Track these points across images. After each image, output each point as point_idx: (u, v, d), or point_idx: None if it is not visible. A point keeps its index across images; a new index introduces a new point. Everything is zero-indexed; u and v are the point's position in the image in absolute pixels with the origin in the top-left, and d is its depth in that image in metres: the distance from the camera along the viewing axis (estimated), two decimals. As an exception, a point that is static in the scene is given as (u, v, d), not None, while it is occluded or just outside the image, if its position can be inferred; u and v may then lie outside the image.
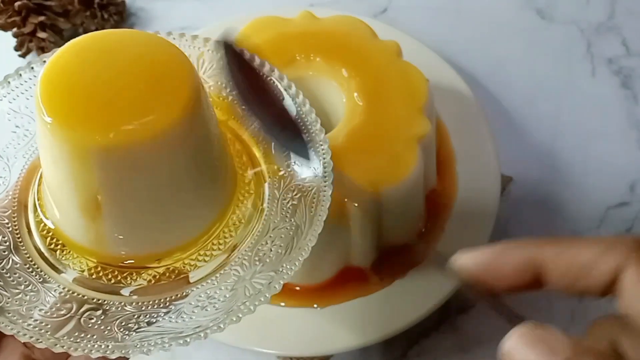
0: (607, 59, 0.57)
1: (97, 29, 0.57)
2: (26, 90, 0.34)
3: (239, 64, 0.32)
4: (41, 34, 0.55)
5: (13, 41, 0.56)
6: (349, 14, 0.48)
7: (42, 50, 0.55)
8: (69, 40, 0.30)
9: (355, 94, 0.42)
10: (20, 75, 0.34)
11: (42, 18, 0.55)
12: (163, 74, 0.29)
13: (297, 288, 0.43)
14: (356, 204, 0.39)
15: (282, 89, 0.34)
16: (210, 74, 0.36)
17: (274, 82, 0.35)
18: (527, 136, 0.53)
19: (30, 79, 0.34)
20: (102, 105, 0.27)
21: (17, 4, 0.55)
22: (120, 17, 0.58)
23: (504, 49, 0.57)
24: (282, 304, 0.42)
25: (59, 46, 0.39)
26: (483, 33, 0.58)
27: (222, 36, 0.30)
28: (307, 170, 0.33)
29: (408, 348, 0.44)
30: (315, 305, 0.42)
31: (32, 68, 0.34)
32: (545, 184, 0.50)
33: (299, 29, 0.45)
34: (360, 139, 0.41)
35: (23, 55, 0.56)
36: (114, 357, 0.27)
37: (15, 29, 0.55)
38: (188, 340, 0.27)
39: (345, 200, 0.39)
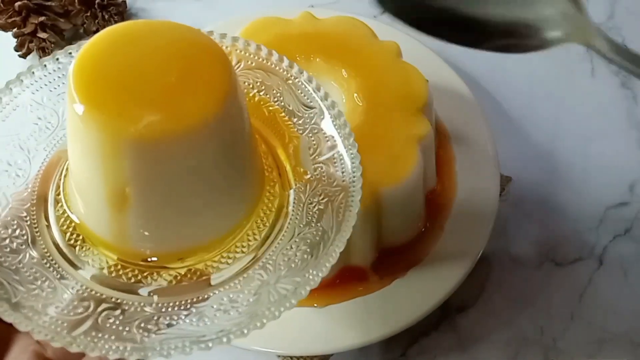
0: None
1: (97, 30, 0.57)
2: (49, 82, 0.33)
3: None
4: (41, 34, 0.55)
5: (13, 41, 0.56)
6: (349, 14, 0.48)
7: (43, 50, 0.55)
8: (69, 40, 0.30)
9: (355, 95, 0.42)
10: (45, 66, 0.33)
11: (42, 18, 0.55)
12: (199, 66, 0.28)
13: (297, 288, 0.43)
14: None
15: (309, 91, 0.34)
16: (239, 73, 0.35)
17: (300, 82, 0.34)
18: (527, 136, 0.53)
19: (55, 70, 0.33)
20: (136, 95, 0.27)
21: (17, 4, 0.55)
22: (121, 17, 0.59)
23: (503, 49, 0.57)
24: (282, 303, 0.42)
25: (60, 46, 0.39)
26: (483, 33, 0.58)
27: None
28: (335, 174, 0.32)
29: (408, 347, 0.44)
30: (315, 305, 0.42)
31: (58, 59, 0.33)
32: (545, 184, 0.50)
33: (299, 29, 0.45)
34: (360, 140, 0.40)
35: (23, 56, 0.56)
36: (132, 359, 0.26)
37: (15, 29, 0.56)
38: (210, 344, 0.26)
39: (345, 200, 0.39)
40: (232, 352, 0.43)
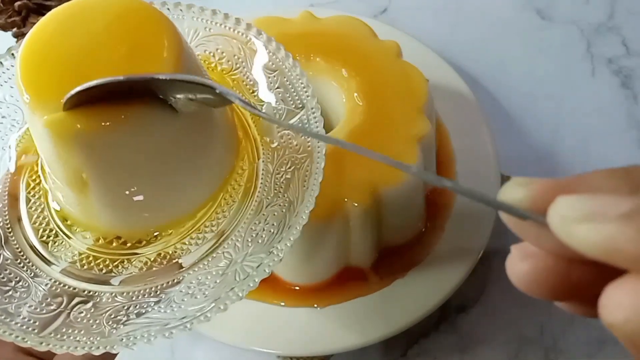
0: (607, 59, 0.57)
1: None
2: (9, 79, 0.33)
3: None
4: (41, 34, 0.55)
5: (13, 41, 0.56)
6: (349, 14, 0.48)
7: (43, 50, 0.55)
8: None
9: (355, 94, 0.42)
10: (1, 63, 0.32)
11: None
12: (143, 42, 0.28)
13: (297, 288, 0.43)
14: (356, 204, 0.39)
15: (269, 53, 0.33)
16: (197, 42, 0.34)
17: (258, 44, 0.33)
18: (527, 136, 0.53)
19: (12, 66, 0.32)
20: (79, 81, 0.26)
21: (17, 4, 0.55)
22: (121, 17, 0.58)
23: (504, 49, 0.57)
24: (282, 303, 0.42)
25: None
26: (483, 33, 0.58)
27: None
28: (300, 140, 0.31)
29: (408, 348, 0.44)
30: (315, 305, 0.42)
31: (13, 55, 0.32)
32: (545, 184, 0.50)
33: (299, 29, 0.45)
34: (360, 139, 0.41)
35: (23, 55, 0.56)
36: (98, 354, 0.26)
37: (15, 29, 0.55)
38: (173, 332, 0.26)
39: (346, 200, 0.39)
40: (232, 352, 0.43)
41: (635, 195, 0.15)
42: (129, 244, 0.31)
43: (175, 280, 0.29)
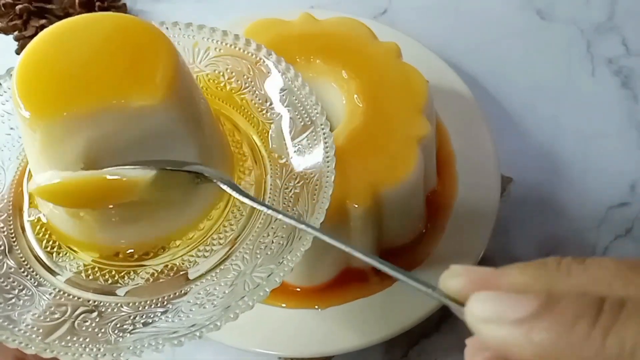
0: (607, 59, 0.57)
1: (98, 32, 0.57)
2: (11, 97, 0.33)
3: None
4: (42, 37, 0.55)
5: (14, 44, 0.56)
6: (349, 15, 0.48)
7: (44, 53, 0.55)
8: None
9: (355, 96, 0.42)
10: (12, 75, 0.32)
11: (43, 21, 0.55)
12: (139, 59, 0.28)
13: (298, 289, 0.43)
14: (356, 205, 0.39)
15: (278, 73, 0.34)
16: (207, 62, 0.35)
17: (269, 65, 0.34)
18: (527, 136, 0.53)
19: None
20: (76, 97, 0.27)
21: (18, 7, 0.55)
22: (121, 19, 0.59)
23: (504, 49, 0.57)
24: (284, 305, 0.43)
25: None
26: (483, 33, 0.58)
27: None
28: (309, 155, 0.32)
29: (409, 348, 0.44)
30: (316, 307, 0.42)
31: (12, 75, 0.32)
32: (546, 184, 0.50)
33: (299, 30, 0.46)
34: (361, 141, 0.41)
35: (24, 58, 0.56)
36: None
37: (16, 32, 0.56)
38: (182, 340, 0.26)
39: (346, 201, 0.39)
40: (233, 354, 0.43)
41: (539, 295, 0.18)
42: (135, 256, 0.31)
43: (182, 292, 0.29)
